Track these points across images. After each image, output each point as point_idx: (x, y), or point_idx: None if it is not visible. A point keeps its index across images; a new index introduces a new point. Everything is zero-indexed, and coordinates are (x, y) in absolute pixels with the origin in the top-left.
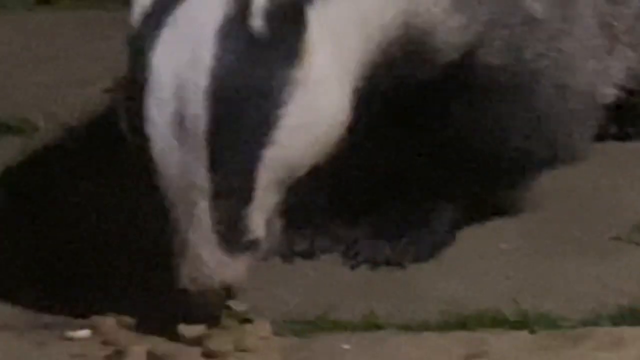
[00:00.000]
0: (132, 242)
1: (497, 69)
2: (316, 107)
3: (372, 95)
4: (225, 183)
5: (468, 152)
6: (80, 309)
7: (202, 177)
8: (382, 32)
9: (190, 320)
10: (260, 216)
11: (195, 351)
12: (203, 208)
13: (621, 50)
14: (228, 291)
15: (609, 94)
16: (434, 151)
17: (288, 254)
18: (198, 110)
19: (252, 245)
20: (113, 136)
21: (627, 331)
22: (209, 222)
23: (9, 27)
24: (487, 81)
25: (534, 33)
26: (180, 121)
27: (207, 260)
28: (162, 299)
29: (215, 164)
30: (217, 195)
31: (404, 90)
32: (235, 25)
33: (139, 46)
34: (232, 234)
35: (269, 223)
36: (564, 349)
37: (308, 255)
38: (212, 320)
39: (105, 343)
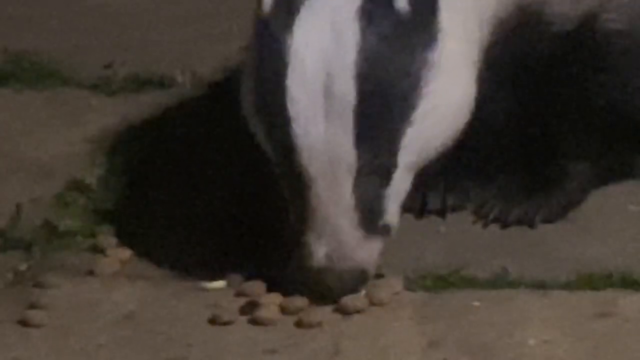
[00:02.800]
0: (259, 207)
1: (620, 34)
2: (450, 90)
3: (496, 69)
4: (369, 160)
5: (599, 115)
6: (215, 263)
7: (348, 152)
8: (497, 11)
9: (320, 300)
10: (396, 201)
11: (329, 306)
12: (347, 185)
13: None
14: (364, 274)
15: None
16: (566, 114)
17: (421, 211)
18: (346, 87)
19: (385, 230)
20: None
21: None
22: (351, 200)
23: None
24: (613, 48)
25: None
26: (327, 99)
27: (346, 238)
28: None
29: (362, 140)
30: (361, 172)
31: (529, 60)
32: (380, 4)
33: (273, 27)
34: (371, 215)
35: (400, 207)
36: None
37: (440, 212)
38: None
39: (239, 294)
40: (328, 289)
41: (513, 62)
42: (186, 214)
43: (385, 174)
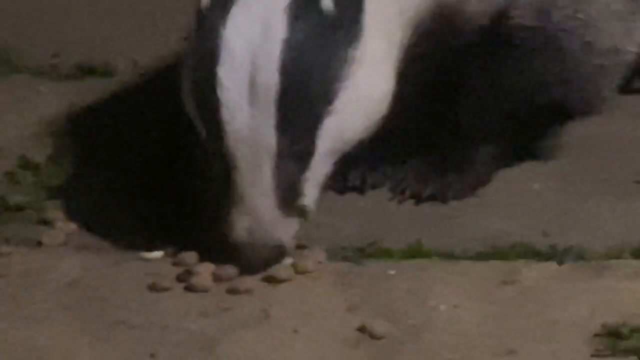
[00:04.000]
0: (193, 183)
1: (528, 29)
2: (369, 83)
3: (415, 64)
4: (289, 145)
5: (506, 102)
6: (153, 235)
7: (269, 138)
8: (418, 11)
9: (242, 270)
10: (314, 185)
11: (258, 275)
12: (267, 168)
13: None
14: (282, 249)
15: (632, 52)
16: (476, 101)
17: (342, 188)
18: (270, 78)
19: (302, 212)
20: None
21: None
22: (270, 181)
23: None
24: (520, 40)
25: None
26: (252, 87)
27: (265, 216)
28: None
29: (282, 127)
30: (280, 157)
31: (445, 54)
32: (307, 2)
33: (209, 20)
34: (288, 196)
35: (319, 191)
36: (589, 279)
37: (360, 189)
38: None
39: (175, 264)
40: (248, 261)
41: (432, 55)
42: (126, 190)
43: (303, 159)
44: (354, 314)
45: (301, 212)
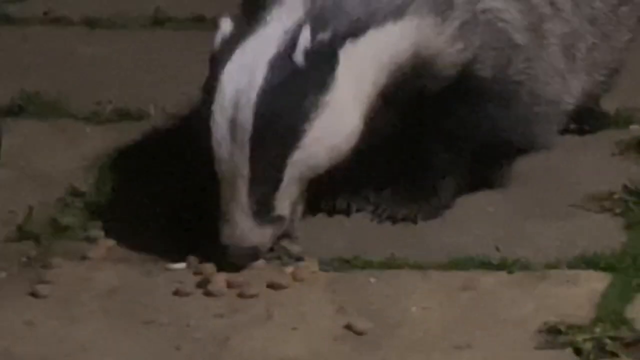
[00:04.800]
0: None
1: (487, 81)
2: (336, 124)
3: (387, 105)
4: (260, 173)
5: (467, 140)
6: (177, 249)
7: (244, 166)
8: (395, 61)
9: (227, 266)
10: (286, 200)
11: (263, 282)
12: (243, 190)
13: (579, 72)
14: (255, 249)
15: (570, 102)
16: (443, 139)
17: (331, 210)
18: (247, 117)
19: (277, 220)
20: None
21: (580, 273)
22: (246, 200)
23: (131, 41)
24: (480, 89)
25: (516, 55)
26: (233, 124)
27: (241, 226)
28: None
29: (254, 158)
30: (253, 182)
31: (414, 97)
32: (283, 58)
33: (215, 63)
34: (261, 210)
35: (294, 206)
36: (532, 284)
37: (346, 212)
38: (241, 268)
39: (195, 273)
40: (229, 259)
41: (404, 97)
42: (156, 213)
43: (273, 182)
44: (342, 314)
45: (275, 220)
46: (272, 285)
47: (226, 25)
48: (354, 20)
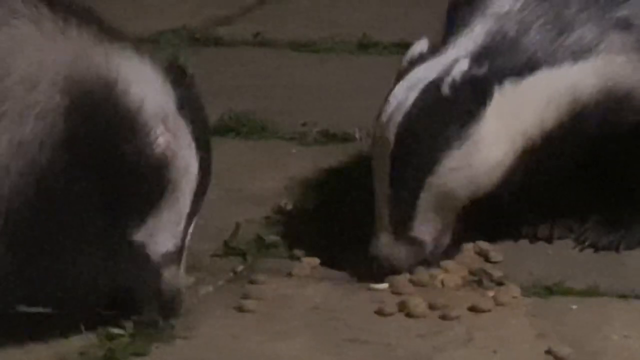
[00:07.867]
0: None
1: None
2: (477, 157)
3: (562, 140)
4: (397, 191)
5: None
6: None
7: (385, 182)
8: (574, 99)
9: (371, 275)
10: (425, 224)
11: (465, 305)
12: (384, 205)
13: None
14: (390, 265)
15: None
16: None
17: (533, 237)
18: (390, 135)
19: (415, 242)
20: None
21: None
22: (386, 215)
23: (336, 64)
24: None
25: None
26: (382, 140)
27: (381, 241)
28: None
29: (393, 176)
30: (392, 198)
31: (604, 132)
32: (433, 86)
33: (395, 83)
34: (399, 229)
35: (438, 234)
36: None
37: (549, 239)
38: (377, 279)
39: (395, 293)
40: (368, 270)
41: (586, 132)
42: (358, 233)
43: (410, 204)
44: (542, 340)
45: (412, 242)
46: (473, 309)
47: (417, 46)
48: (524, 58)
